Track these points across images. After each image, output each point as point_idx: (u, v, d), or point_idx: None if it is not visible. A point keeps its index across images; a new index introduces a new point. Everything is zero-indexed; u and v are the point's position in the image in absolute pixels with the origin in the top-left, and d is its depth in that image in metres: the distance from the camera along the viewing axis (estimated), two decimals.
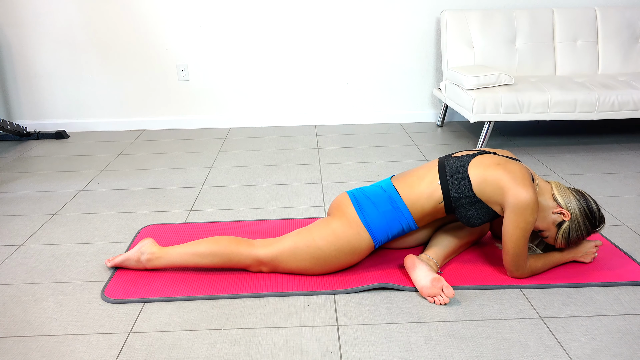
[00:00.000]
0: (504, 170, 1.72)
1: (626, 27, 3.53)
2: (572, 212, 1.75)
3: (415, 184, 1.81)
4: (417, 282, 1.74)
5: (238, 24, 3.70)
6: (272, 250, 1.82)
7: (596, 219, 1.78)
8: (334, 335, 1.57)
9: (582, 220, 1.76)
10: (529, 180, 1.72)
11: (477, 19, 3.53)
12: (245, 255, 1.82)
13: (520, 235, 1.70)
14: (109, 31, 3.68)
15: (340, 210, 1.83)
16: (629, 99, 3.06)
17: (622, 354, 1.47)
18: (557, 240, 1.79)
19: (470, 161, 1.78)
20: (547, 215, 1.76)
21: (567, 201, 1.76)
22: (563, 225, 1.76)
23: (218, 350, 1.52)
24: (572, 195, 1.77)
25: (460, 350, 1.50)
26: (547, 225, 1.77)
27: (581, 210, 1.76)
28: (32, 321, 1.67)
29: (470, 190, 1.74)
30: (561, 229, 1.76)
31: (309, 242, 1.78)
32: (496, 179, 1.71)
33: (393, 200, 1.81)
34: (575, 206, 1.75)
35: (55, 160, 3.25)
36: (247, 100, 3.88)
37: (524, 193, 1.67)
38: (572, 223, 1.75)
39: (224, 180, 2.84)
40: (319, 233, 1.79)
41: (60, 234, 2.25)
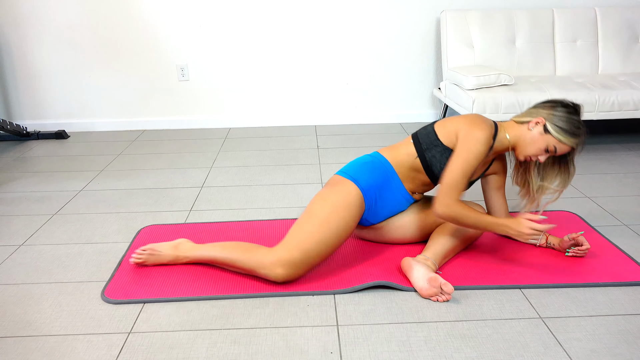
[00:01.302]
0: (461, 117, 1.87)
1: (626, 27, 3.53)
2: (543, 114, 1.80)
3: (394, 145, 1.97)
4: (416, 284, 1.75)
5: (238, 24, 3.70)
6: (289, 245, 1.76)
7: (566, 102, 1.81)
8: (334, 335, 1.57)
9: (558, 111, 1.79)
10: (484, 122, 1.81)
11: (477, 19, 3.53)
12: (265, 251, 1.78)
13: (460, 164, 1.75)
14: (109, 31, 3.68)
15: (327, 183, 1.92)
16: (629, 99, 3.06)
17: (622, 354, 1.47)
18: (557, 139, 1.77)
19: (436, 121, 1.93)
20: (528, 137, 1.81)
21: (531, 112, 1.83)
22: (547, 127, 1.78)
23: (218, 350, 1.52)
24: (533, 107, 1.86)
25: (460, 350, 1.50)
26: (536, 144, 1.79)
27: (548, 105, 1.82)
28: (32, 321, 1.67)
29: (437, 139, 1.86)
30: (549, 131, 1.77)
31: (308, 216, 1.79)
32: (455, 123, 1.85)
33: (374, 156, 1.94)
34: (541, 108, 1.83)
35: (55, 160, 3.25)
36: (247, 100, 3.88)
37: (474, 127, 1.78)
38: (551, 119, 1.78)
39: (224, 180, 2.84)
40: (312, 206, 1.82)
41: (60, 234, 2.25)
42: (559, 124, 1.77)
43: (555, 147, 1.78)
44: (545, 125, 1.78)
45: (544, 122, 1.78)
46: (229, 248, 1.84)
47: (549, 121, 1.78)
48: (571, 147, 1.79)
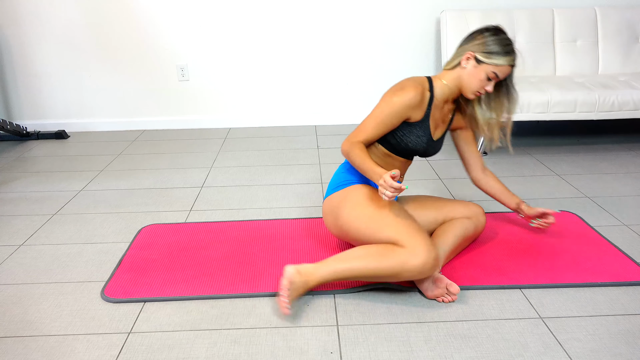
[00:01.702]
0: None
1: (626, 27, 3.53)
2: (469, 48, 1.79)
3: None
4: (421, 286, 1.74)
5: (238, 24, 3.70)
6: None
7: (484, 27, 1.80)
8: (334, 335, 1.57)
9: (481, 39, 1.77)
10: (406, 85, 1.78)
11: (477, 19, 3.53)
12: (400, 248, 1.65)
13: (372, 112, 1.79)
14: (109, 31, 3.68)
15: (332, 207, 1.89)
16: (629, 99, 3.06)
17: (622, 354, 1.47)
18: (492, 64, 1.75)
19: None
20: (465, 74, 1.80)
21: (458, 52, 1.83)
22: (478, 58, 1.76)
23: (218, 350, 1.52)
24: (458, 48, 1.84)
25: (460, 350, 1.50)
26: (476, 76, 1.78)
27: (470, 39, 1.81)
28: (32, 321, 1.67)
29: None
30: (482, 61, 1.76)
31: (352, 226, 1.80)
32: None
33: (347, 162, 1.95)
34: (464, 44, 1.81)
35: (55, 160, 3.25)
36: (247, 100, 3.88)
37: (391, 93, 1.78)
38: (478, 49, 1.77)
39: (224, 180, 2.84)
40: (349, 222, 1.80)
41: (60, 234, 2.25)
42: (488, 49, 1.75)
43: (495, 72, 1.77)
44: (476, 56, 1.77)
45: (473, 54, 1.77)
46: (357, 258, 1.65)
47: (477, 52, 1.76)
48: (509, 65, 1.77)
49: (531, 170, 2.90)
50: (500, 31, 1.78)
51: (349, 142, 1.79)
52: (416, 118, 1.81)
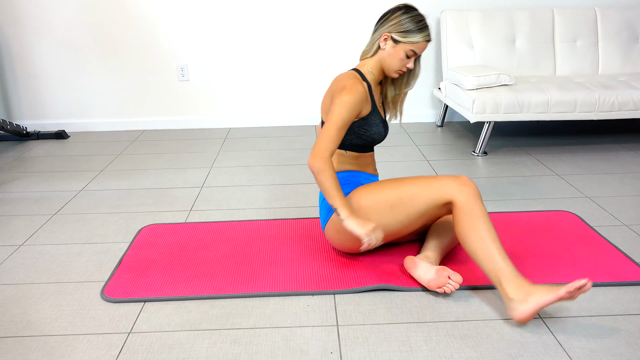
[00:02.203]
0: (329, 90, 1.86)
1: (626, 27, 3.53)
2: (383, 30, 1.80)
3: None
4: (422, 279, 1.75)
5: (238, 24, 3.70)
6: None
7: (394, 7, 1.80)
8: (334, 335, 1.57)
9: (394, 19, 1.78)
10: (345, 82, 1.79)
11: (477, 19, 3.53)
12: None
13: (331, 119, 1.74)
14: (109, 31, 3.68)
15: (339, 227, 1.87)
16: (629, 99, 3.06)
17: (622, 354, 1.47)
18: (409, 42, 1.77)
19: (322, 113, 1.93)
20: (385, 55, 1.81)
21: (373, 38, 1.84)
22: (395, 38, 1.78)
23: (218, 350, 1.52)
24: (372, 34, 1.86)
25: (460, 350, 1.50)
26: (395, 56, 1.80)
27: (383, 21, 1.81)
28: (32, 321, 1.67)
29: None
30: (399, 40, 1.77)
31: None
32: (326, 99, 1.87)
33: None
34: (379, 27, 1.82)
35: (55, 160, 3.25)
36: (247, 100, 3.88)
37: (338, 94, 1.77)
38: (393, 29, 1.78)
39: (224, 180, 2.84)
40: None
41: (60, 234, 2.26)
42: (402, 29, 1.77)
43: (413, 50, 1.79)
44: (392, 36, 1.78)
45: (389, 35, 1.79)
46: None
47: (393, 32, 1.78)
48: (425, 40, 1.79)
49: (531, 170, 2.90)
50: (411, 8, 1.80)
51: (320, 159, 1.72)
52: (367, 110, 1.85)
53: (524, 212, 2.36)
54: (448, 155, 3.17)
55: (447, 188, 1.73)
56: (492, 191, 2.62)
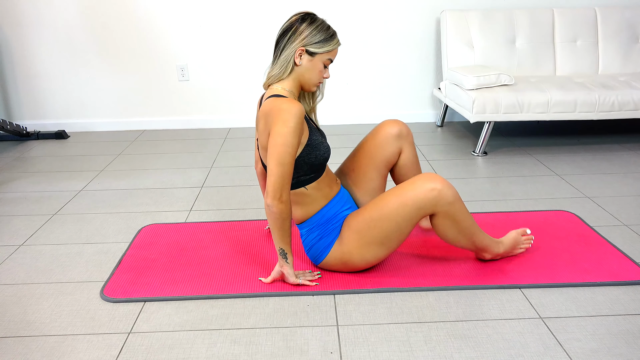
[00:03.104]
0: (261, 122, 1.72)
1: (626, 27, 3.53)
2: (296, 45, 1.69)
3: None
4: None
5: (238, 24, 3.70)
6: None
7: (298, 18, 1.70)
8: (334, 335, 1.57)
9: (304, 32, 1.68)
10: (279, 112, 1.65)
11: (477, 19, 3.53)
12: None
13: (280, 149, 1.63)
14: (109, 31, 3.68)
15: (338, 262, 1.85)
16: (629, 99, 3.06)
17: (622, 354, 1.47)
18: (326, 51, 1.71)
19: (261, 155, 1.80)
20: (303, 71, 1.72)
21: (285, 56, 1.71)
22: (310, 51, 1.69)
23: (218, 350, 1.52)
24: (279, 51, 1.73)
25: (460, 350, 1.50)
26: (314, 69, 1.72)
27: (289, 35, 1.69)
28: (32, 321, 1.67)
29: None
30: (315, 52, 1.70)
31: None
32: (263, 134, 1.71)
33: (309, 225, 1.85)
34: (288, 44, 1.70)
35: (55, 160, 3.25)
36: (247, 100, 3.88)
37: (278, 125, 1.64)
38: (307, 42, 1.68)
39: (224, 180, 2.84)
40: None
41: (60, 234, 2.25)
42: (316, 39, 1.69)
43: (329, 58, 1.73)
44: (307, 50, 1.69)
45: (303, 49, 1.69)
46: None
47: (307, 45, 1.69)
48: (337, 46, 1.74)
49: (531, 170, 2.90)
50: (313, 16, 1.71)
51: (280, 201, 1.64)
52: (306, 131, 1.74)
53: (524, 212, 2.36)
54: (448, 155, 3.17)
55: (427, 205, 1.69)
56: (492, 191, 2.62)
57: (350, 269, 1.85)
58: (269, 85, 1.77)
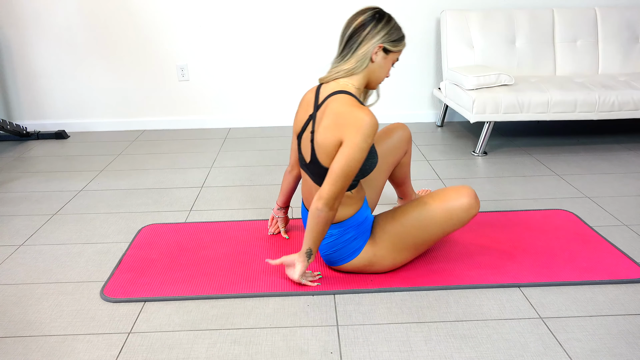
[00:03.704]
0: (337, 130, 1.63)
1: (626, 27, 3.53)
2: (375, 41, 1.65)
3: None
4: None
5: (238, 24, 3.70)
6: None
7: (374, 14, 1.66)
8: (334, 335, 1.57)
9: (383, 29, 1.65)
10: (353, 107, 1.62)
11: (477, 19, 3.53)
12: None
13: (350, 159, 1.61)
14: (109, 31, 3.68)
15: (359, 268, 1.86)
16: (629, 99, 3.06)
17: (622, 354, 1.47)
18: (399, 50, 1.70)
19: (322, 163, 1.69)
20: (375, 68, 1.69)
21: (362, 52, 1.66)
22: (387, 48, 1.67)
23: (218, 350, 1.52)
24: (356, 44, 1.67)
25: (460, 350, 1.50)
26: (385, 67, 1.71)
27: (369, 30, 1.65)
28: (32, 321, 1.67)
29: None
30: (391, 50, 1.68)
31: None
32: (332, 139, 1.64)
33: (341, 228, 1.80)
34: (367, 38, 1.65)
35: (55, 160, 3.25)
36: (247, 100, 3.88)
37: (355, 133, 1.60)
38: (385, 39, 1.66)
39: (224, 180, 2.84)
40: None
41: (60, 234, 2.25)
42: (393, 37, 1.68)
43: (398, 57, 1.75)
44: (384, 47, 1.67)
45: (381, 46, 1.66)
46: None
47: (385, 42, 1.66)
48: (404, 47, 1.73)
49: (531, 170, 2.90)
50: (390, 16, 1.69)
51: (331, 209, 1.65)
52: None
53: (524, 211, 2.36)
54: (448, 155, 3.17)
55: (466, 222, 1.81)
56: (492, 191, 2.62)
57: (373, 271, 1.85)
58: (335, 79, 1.71)
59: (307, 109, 1.77)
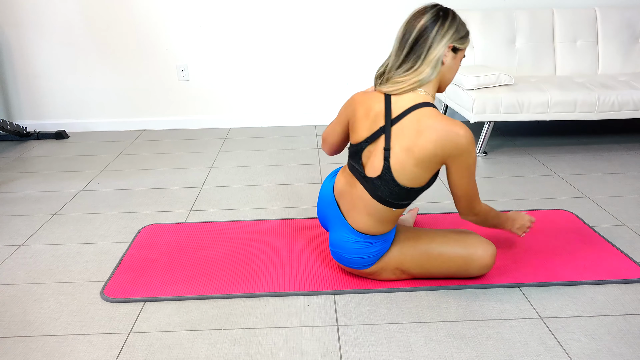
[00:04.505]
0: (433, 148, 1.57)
1: (626, 27, 3.53)
2: (446, 41, 1.56)
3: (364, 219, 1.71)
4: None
5: (238, 24, 3.70)
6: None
7: (438, 11, 1.58)
8: (334, 335, 1.57)
9: (451, 27, 1.57)
10: (448, 124, 1.55)
11: (477, 19, 3.53)
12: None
13: (472, 171, 1.63)
14: (109, 31, 3.68)
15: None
16: (629, 99, 3.06)
17: (622, 354, 1.47)
18: (465, 47, 1.63)
19: (396, 179, 1.62)
20: (446, 70, 1.62)
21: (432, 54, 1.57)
22: (456, 47, 1.59)
23: (218, 350, 1.52)
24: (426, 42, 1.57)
25: (460, 350, 1.50)
26: (455, 67, 1.63)
27: (437, 28, 1.56)
28: (32, 321, 1.67)
29: (420, 188, 1.65)
30: (459, 48, 1.60)
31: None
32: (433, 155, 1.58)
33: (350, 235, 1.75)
34: (437, 38, 1.55)
35: (55, 160, 3.25)
36: (247, 100, 3.88)
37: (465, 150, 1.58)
38: (454, 38, 1.57)
39: (224, 180, 2.84)
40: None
41: (60, 234, 2.25)
42: (461, 34, 1.59)
43: (465, 54, 1.67)
44: (453, 47, 1.59)
45: (451, 46, 1.58)
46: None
47: (454, 42, 1.58)
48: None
49: (531, 170, 2.90)
50: (453, 11, 1.60)
51: (474, 214, 1.72)
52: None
53: (522, 210, 2.36)
54: None
55: (469, 274, 1.81)
56: (492, 191, 2.62)
57: (373, 278, 1.83)
58: (418, 87, 1.61)
59: (372, 117, 1.65)
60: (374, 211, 1.67)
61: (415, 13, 1.59)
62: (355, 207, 1.71)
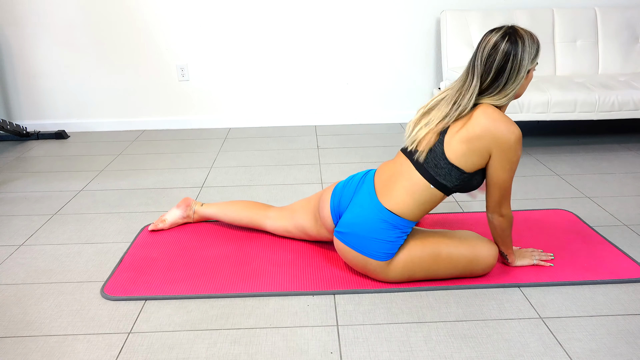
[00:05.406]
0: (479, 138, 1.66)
1: (626, 27, 3.53)
2: (526, 65, 1.64)
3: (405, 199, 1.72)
4: None
5: (238, 24, 3.70)
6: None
7: (514, 34, 1.64)
8: (334, 335, 1.57)
9: (527, 47, 1.63)
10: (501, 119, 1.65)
11: (477, 19, 3.53)
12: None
13: (509, 169, 1.69)
14: (109, 31, 3.68)
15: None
16: (629, 99, 3.06)
17: (622, 354, 1.47)
18: (537, 63, 1.70)
19: (445, 152, 1.68)
20: (520, 88, 1.69)
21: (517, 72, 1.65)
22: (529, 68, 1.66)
23: (218, 350, 1.52)
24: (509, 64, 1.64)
25: (460, 350, 1.50)
26: (527, 83, 1.71)
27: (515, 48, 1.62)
28: (32, 321, 1.67)
29: (464, 172, 1.69)
30: (530, 70, 1.67)
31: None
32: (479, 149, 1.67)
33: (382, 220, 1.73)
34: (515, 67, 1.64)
35: (55, 160, 3.25)
36: (247, 100, 3.88)
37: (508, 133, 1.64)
38: (530, 56, 1.65)
39: (224, 180, 2.84)
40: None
41: (60, 234, 2.26)
42: (534, 54, 1.66)
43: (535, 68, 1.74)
44: (528, 70, 1.68)
45: (531, 70, 1.69)
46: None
47: (530, 60, 1.66)
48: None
49: (531, 170, 2.90)
50: (523, 30, 1.66)
51: (500, 214, 1.75)
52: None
53: (523, 211, 2.36)
54: None
55: (472, 274, 1.83)
56: None
57: (374, 277, 1.82)
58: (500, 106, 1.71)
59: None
60: (416, 189, 1.71)
61: (494, 39, 1.65)
62: (397, 183, 1.72)
